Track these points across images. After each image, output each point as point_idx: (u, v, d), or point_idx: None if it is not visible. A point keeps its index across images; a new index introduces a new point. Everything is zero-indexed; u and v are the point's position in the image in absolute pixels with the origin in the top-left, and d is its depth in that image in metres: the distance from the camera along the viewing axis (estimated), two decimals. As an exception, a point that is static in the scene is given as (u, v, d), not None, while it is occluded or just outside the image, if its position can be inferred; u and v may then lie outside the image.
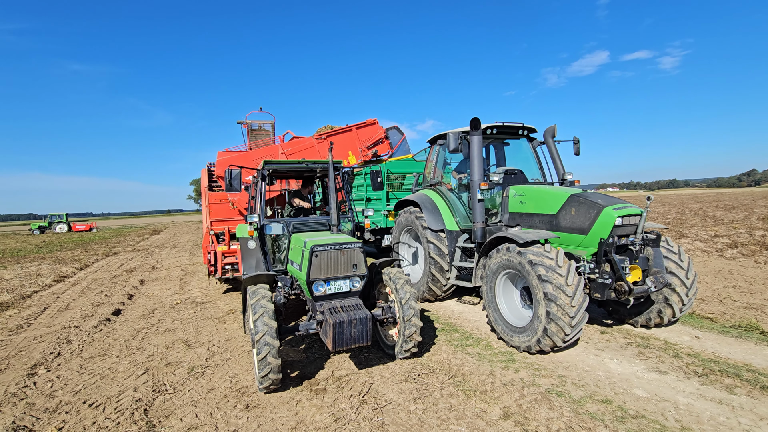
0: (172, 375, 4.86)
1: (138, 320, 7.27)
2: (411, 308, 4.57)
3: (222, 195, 11.21)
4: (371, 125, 10.03)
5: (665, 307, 5.13)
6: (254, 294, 4.32)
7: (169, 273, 12.18)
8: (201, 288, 9.82)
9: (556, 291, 4.32)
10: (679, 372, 4.17)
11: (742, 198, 46.97)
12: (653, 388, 3.88)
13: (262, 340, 3.98)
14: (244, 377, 4.68)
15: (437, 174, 7.48)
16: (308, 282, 4.37)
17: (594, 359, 4.59)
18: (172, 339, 6.15)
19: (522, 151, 7.22)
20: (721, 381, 3.93)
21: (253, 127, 11.44)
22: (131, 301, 8.75)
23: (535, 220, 5.70)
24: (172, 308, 7.99)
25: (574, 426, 3.30)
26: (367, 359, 4.97)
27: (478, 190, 5.81)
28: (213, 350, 5.58)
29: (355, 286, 4.60)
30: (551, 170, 6.87)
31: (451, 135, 6.02)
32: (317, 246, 4.34)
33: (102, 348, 5.92)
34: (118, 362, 5.35)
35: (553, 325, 4.35)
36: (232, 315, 7.32)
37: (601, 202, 4.92)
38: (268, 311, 4.13)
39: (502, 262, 5.02)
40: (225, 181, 5.35)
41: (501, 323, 5.12)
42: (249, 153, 9.36)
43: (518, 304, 5.23)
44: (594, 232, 4.87)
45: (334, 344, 4.06)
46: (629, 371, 4.25)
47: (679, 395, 3.72)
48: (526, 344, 4.68)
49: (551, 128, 6.85)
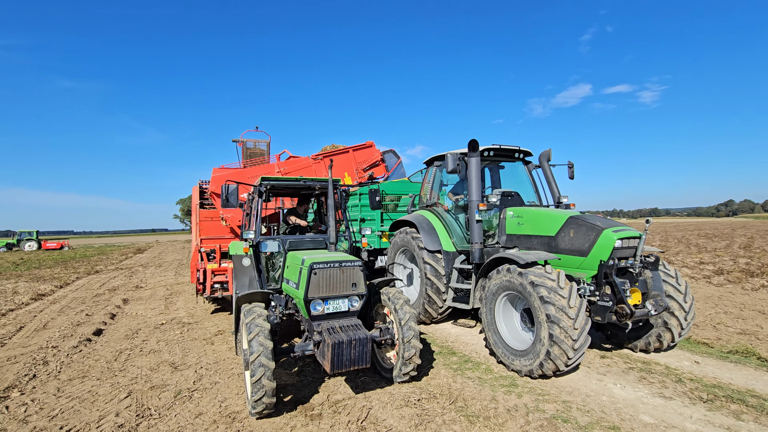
0: (157, 399, 4.59)
1: (121, 341, 6.94)
2: (411, 329, 4.44)
3: (213, 212, 11.04)
4: (368, 148, 10.09)
5: (664, 332, 5.10)
6: (249, 312, 4.16)
7: (154, 292, 11.78)
8: (187, 308, 9.49)
9: (558, 313, 4.26)
10: (684, 397, 4.10)
11: (722, 227, 48.26)
12: (660, 414, 3.79)
13: (257, 361, 3.80)
14: (234, 401, 4.45)
15: (434, 195, 7.48)
16: (306, 301, 4.23)
17: (597, 384, 4.49)
18: (158, 361, 5.86)
19: (517, 174, 7.29)
20: (727, 407, 3.87)
21: (248, 146, 11.42)
22: (114, 321, 8.39)
23: (533, 242, 5.69)
24: (157, 329, 7.67)
25: (584, 454, 3.18)
26: (363, 383, 4.79)
27: (476, 211, 5.81)
28: (201, 373, 5.33)
29: (353, 305, 4.47)
30: (546, 193, 6.93)
31: (449, 156, 6.05)
32: (316, 263, 4.23)
33: (81, 370, 5.60)
34: (99, 385, 5.05)
35: (556, 348, 4.26)
36: (220, 336, 7.05)
37: (600, 225, 4.95)
38: (263, 331, 3.96)
39: (502, 283, 4.96)
40: (221, 197, 5.25)
41: (501, 346, 5.01)
42: (244, 170, 9.29)
43: (518, 327, 5.14)
44: (594, 254, 4.87)
45: (333, 366, 3.90)
46: (634, 396, 4.16)
47: (687, 422, 3.63)
48: (528, 368, 4.57)
49: (546, 152, 6.96)
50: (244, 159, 11.22)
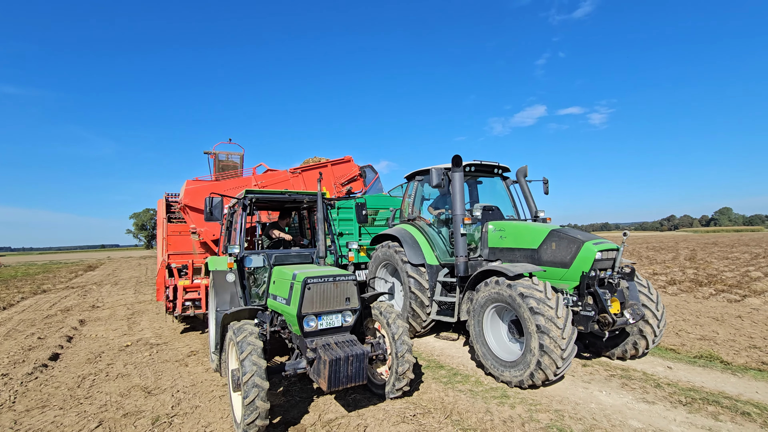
0: (132, 427, 4.26)
1: (82, 365, 6.42)
2: (404, 343, 4.42)
3: (182, 226, 10.56)
4: (347, 162, 10.07)
5: (639, 339, 5.37)
6: (240, 330, 3.98)
7: (113, 312, 11.01)
8: (153, 328, 8.94)
9: (548, 323, 4.39)
10: (665, 402, 4.31)
11: (666, 240, 51.85)
12: (646, 418, 3.96)
13: (251, 381, 3.63)
14: (219, 426, 4.21)
15: (415, 210, 7.56)
16: (299, 316, 4.11)
17: (583, 392, 4.64)
18: (128, 385, 5.46)
19: (495, 189, 7.54)
20: (705, 409, 4.11)
21: (221, 158, 11.08)
22: (71, 344, 7.75)
23: (516, 255, 5.86)
24: (122, 351, 7.16)
25: (585, 461, 3.26)
26: (355, 400, 4.68)
27: (461, 225, 5.92)
28: (178, 397, 5.01)
29: (347, 320, 4.39)
30: (524, 208, 7.20)
31: (434, 171, 6.17)
32: (310, 278, 4.14)
33: (40, 399, 5.11)
34: (63, 415, 4.63)
35: (546, 358, 4.38)
36: (194, 357, 6.68)
37: (581, 237, 5.19)
38: (257, 349, 3.80)
39: (490, 295, 5.06)
40: (205, 210, 5.04)
41: (490, 358, 5.08)
42: (220, 183, 8.98)
43: (505, 339, 5.24)
44: (576, 266, 5.08)
45: (330, 384, 3.79)
46: (619, 402, 4.33)
47: (672, 425, 3.82)
48: (519, 378, 4.65)
49: (523, 168, 7.25)
50: (216, 171, 10.86)
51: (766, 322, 7.89)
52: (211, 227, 8.63)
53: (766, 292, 11.37)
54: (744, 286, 12.59)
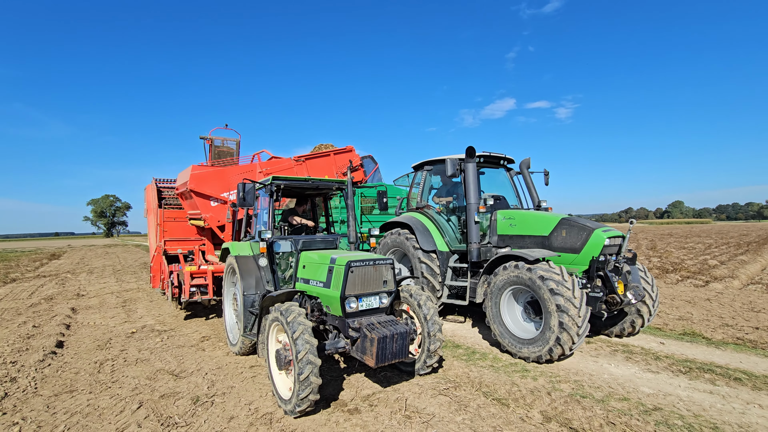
0: (174, 407, 4.35)
1: (93, 352, 6.33)
2: (435, 323, 4.71)
3: (176, 213, 10.40)
4: (348, 152, 10.15)
5: (637, 318, 5.93)
6: (289, 311, 4.13)
7: (103, 300, 10.71)
8: (154, 315, 8.82)
9: (566, 303, 4.80)
10: (668, 371, 4.85)
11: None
12: (655, 385, 4.47)
13: (305, 359, 3.81)
14: (262, 404, 4.37)
15: (424, 198, 7.83)
16: (342, 298, 4.30)
17: (594, 365, 5.12)
18: (152, 370, 5.48)
19: (499, 179, 7.91)
20: (702, 376, 4.67)
21: (216, 144, 10.87)
22: (71, 332, 7.56)
23: (526, 242, 6.26)
24: (130, 338, 7.08)
25: (613, 419, 3.69)
26: (386, 377, 4.95)
27: (476, 213, 6.24)
28: (210, 378, 5.10)
29: (383, 302, 4.63)
30: (526, 197, 7.62)
31: (449, 161, 6.44)
32: (353, 262, 4.33)
33: (64, 384, 5.06)
34: (96, 398, 4.63)
35: (565, 335, 4.80)
36: (208, 342, 6.72)
37: (591, 226, 5.64)
38: (307, 328, 3.98)
39: (509, 278, 5.43)
40: (238, 196, 5.08)
41: (508, 336, 5.47)
42: (226, 169, 8.88)
43: (520, 319, 5.64)
44: (586, 252, 5.53)
45: (377, 360, 4.03)
46: (629, 373, 4.83)
47: (678, 390, 4.34)
48: (537, 354, 5.07)
49: (526, 160, 7.66)
50: (211, 158, 10.67)
51: (731, 304, 8.76)
52: (216, 213, 8.56)
53: (726, 278, 12.50)
54: (705, 273, 13.76)
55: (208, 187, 8.52)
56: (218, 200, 8.61)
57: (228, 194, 8.69)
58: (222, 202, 8.65)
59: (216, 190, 8.60)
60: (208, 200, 8.54)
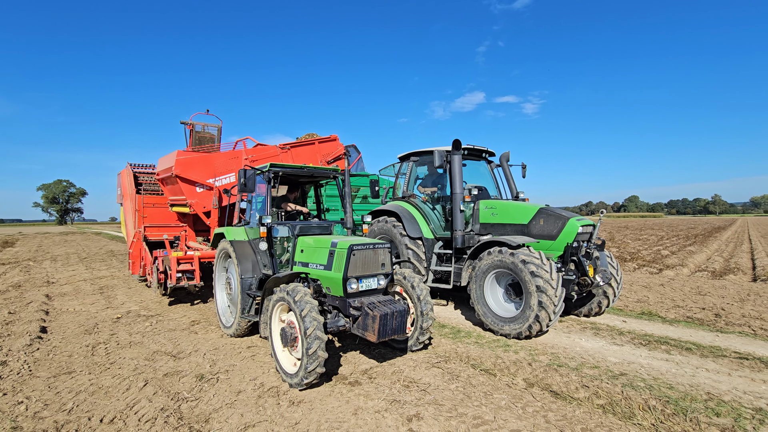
0: (180, 384, 4.52)
1: (82, 336, 6.31)
2: (428, 303, 5.09)
3: (156, 198, 10.26)
4: (333, 141, 10.30)
5: (603, 299, 6.57)
6: (295, 291, 4.37)
7: (76, 287, 10.43)
8: (136, 301, 8.75)
9: (545, 284, 5.31)
10: (630, 344, 5.48)
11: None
12: (620, 355, 5.06)
13: (313, 334, 4.09)
14: (267, 379, 4.61)
15: (409, 188, 8.18)
16: (344, 279, 4.59)
17: (567, 340, 5.68)
18: (148, 351, 5.57)
19: (480, 171, 8.37)
20: (659, 347, 5.32)
21: (197, 129, 10.73)
22: (52, 318, 7.43)
23: (507, 229, 6.75)
24: (117, 322, 7.06)
25: (587, 383, 4.21)
26: (381, 354, 5.30)
27: (461, 202, 6.65)
28: (210, 358, 5.27)
29: (380, 283, 4.95)
30: (505, 189, 8.11)
31: (437, 153, 6.79)
32: (355, 245, 4.62)
33: (59, 366, 5.09)
34: (97, 378, 4.72)
35: (543, 312, 5.31)
36: (199, 326, 6.83)
37: (566, 215, 6.17)
38: (314, 306, 4.25)
39: (493, 262, 5.88)
40: (239, 182, 5.22)
41: (490, 316, 5.94)
42: (211, 156, 8.83)
43: (502, 300, 6.13)
44: (561, 239, 6.07)
45: (379, 335, 4.35)
46: (597, 346, 5.41)
47: (639, 358, 4.95)
48: (517, 331, 5.57)
49: (506, 154, 8.14)
50: (192, 143, 10.53)
51: (681, 288, 9.71)
52: (202, 199, 8.55)
53: (677, 266, 13.70)
54: (659, 262, 14.99)
55: (194, 173, 8.49)
56: (204, 186, 8.60)
57: (214, 180, 8.69)
58: (208, 188, 8.64)
59: (202, 175, 8.57)
60: (193, 186, 8.51)
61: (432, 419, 3.65)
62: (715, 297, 8.61)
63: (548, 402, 3.94)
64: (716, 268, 13.22)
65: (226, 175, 8.83)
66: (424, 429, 3.50)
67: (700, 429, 3.41)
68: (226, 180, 8.83)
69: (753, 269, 13.18)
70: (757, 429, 3.41)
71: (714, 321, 6.69)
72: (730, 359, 4.93)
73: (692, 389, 4.13)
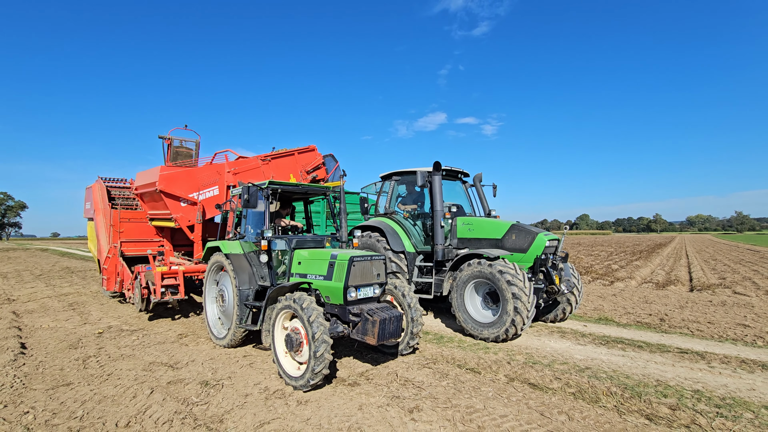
0: (186, 390, 4.71)
1: (67, 351, 6.25)
2: (417, 310, 5.59)
3: (133, 213, 10.18)
4: (311, 151, 10.65)
5: (567, 305, 7.35)
6: (302, 299, 4.73)
7: (43, 304, 10.02)
8: (114, 316, 8.61)
9: (519, 291, 5.97)
10: (592, 344, 6.23)
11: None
12: (584, 353, 5.78)
13: (321, 338, 4.46)
14: (270, 383, 4.89)
15: (391, 205, 8.73)
16: (345, 288, 5.00)
17: (538, 342, 6.36)
18: (144, 363, 5.67)
19: (455, 190, 9.08)
20: (616, 346, 6.10)
21: (175, 144, 10.80)
22: (27, 334, 7.22)
23: (482, 243, 7.43)
24: (100, 337, 7.00)
25: (559, 376, 4.85)
26: (374, 358, 5.71)
27: (442, 219, 7.28)
28: (210, 366, 5.46)
29: (376, 292, 5.40)
30: (478, 206, 8.86)
31: (419, 173, 7.40)
32: (355, 257, 5.07)
33: (55, 379, 5.10)
34: (98, 389, 4.80)
35: (518, 318, 5.96)
36: (188, 338, 6.93)
37: (534, 230, 6.94)
38: (320, 313, 4.63)
39: (473, 273, 6.50)
40: (242, 198, 5.53)
41: (470, 322, 6.53)
42: (194, 170, 8.95)
43: (480, 307, 6.74)
44: (531, 251, 6.81)
45: (378, 338, 4.78)
46: (564, 346, 6.12)
47: (600, 355, 5.68)
48: (495, 334, 6.18)
49: (479, 175, 8.92)
50: (169, 158, 10.57)
51: (631, 298, 10.81)
52: (186, 213, 8.66)
53: (626, 278, 15.05)
54: (610, 275, 16.35)
55: (178, 188, 8.60)
56: (188, 201, 8.71)
57: (197, 194, 8.81)
58: (191, 202, 8.75)
59: (185, 190, 8.68)
60: (177, 201, 8.61)
61: (431, 410, 4.12)
62: (659, 305, 9.71)
63: (528, 392, 4.52)
64: (659, 280, 14.66)
65: (209, 189, 8.98)
66: (425, 418, 3.96)
67: (652, 407, 4.10)
68: (210, 194, 8.99)
69: (690, 281, 14.75)
70: (696, 405, 4.15)
71: (659, 324, 7.64)
72: (673, 354, 5.78)
73: (644, 378, 4.87)
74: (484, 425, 3.81)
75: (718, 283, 13.37)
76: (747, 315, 8.45)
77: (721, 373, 5.05)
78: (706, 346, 6.17)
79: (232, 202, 6.86)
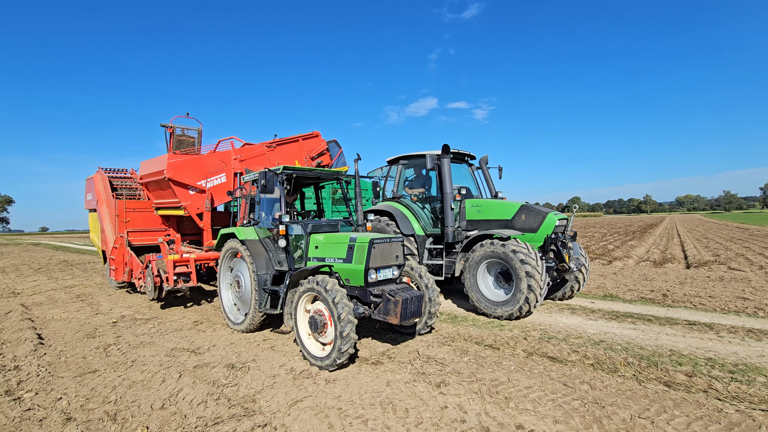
0: (214, 373, 4.79)
1: (85, 340, 6.28)
2: (435, 290, 5.70)
3: (138, 203, 10.12)
4: (315, 137, 10.62)
5: (575, 283, 7.52)
6: (325, 281, 4.80)
7: (49, 297, 9.99)
8: (125, 306, 8.63)
9: (533, 270, 6.10)
10: (602, 319, 6.42)
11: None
12: (597, 328, 5.96)
13: (346, 318, 4.55)
14: (296, 364, 4.98)
15: (399, 189, 8.78)
16: (366, 270, 5.07)
17: (551, 318, 6.53)
18: (166, 349, 5.73)
19: (461, 173, 9.14)
20: (626, 320, 6.29)
21: (177, 133, 10.68)
22: (41, 325, 7.22)
23: (491, 225, 7.53)
24: (116, 326, 7.04)
25: (576, 349, 5.01)
26: (393, 338, 5.83)
27: (452, 201, 7.35)
28: (232, 350, 5.54)
29: (395, 273, 5.48)
30: (485, 188, 8.94)
31: (429, 157, 7.45)
32: (375, 240, 5.12)
33: (80, 366, 5.15)
34: (125, 374, 4.86)
35: (532, 295, 6.10)
36: (203, 325, 6.99)
37: (544, 210, 7.05)
38: (344, 294, 4.70)
39: (486, 253, 6.62)
40: (259, 183, 5.54)
41: (484, 301, 6.67)
42: (201, 158, 8.89)
43: (492, 287, 6.88)
44: (541, 231, 6.93)
45: (401, 318, 4.88)
46: (576, 322, 6.29)
47: (612, 329, 5.86)
48: (509, 312, 6.32)
49: (485, 157, 8.98)
50: (172, 147, 10.47)
51: (631, 276, 11.06)
52: (195, 201, 8.63)
53: (623, 258, 15.35)
54: (607, 255, 16.64)
55: (186, 176, 8.56)
56: (196, 189, 8.68)
57: (205, 182, 8.78)
58: (200, 190, 8.72)
59: (193, 178, 8.65)
60: (186, 189, 8.57)
61: (457, 384, 4.25)
62: (659, 281, 9.96)
63: (548, 365, 4.68)
64: (656, 259, 14.98)
65: (217, 176, 8.96)
66: (453, 391, 4.09)
67: (669, 375, 4.28)
68: (218, 181, 8.97)
69: (685, 258, 15.09)
70: (710, 372, 4.33)
71: (663, 299, 7.87)
72: (682, 326, 5.98)
73: (658, 348, 5.05)
74: (511, 396, 3.95)
75: (713, 260, 13.71)
76: (745, 289, 8.72)
77: (730, 342, 5.26)
78: (712, 318, 6.39)
79: (244, 189, 6.86)
